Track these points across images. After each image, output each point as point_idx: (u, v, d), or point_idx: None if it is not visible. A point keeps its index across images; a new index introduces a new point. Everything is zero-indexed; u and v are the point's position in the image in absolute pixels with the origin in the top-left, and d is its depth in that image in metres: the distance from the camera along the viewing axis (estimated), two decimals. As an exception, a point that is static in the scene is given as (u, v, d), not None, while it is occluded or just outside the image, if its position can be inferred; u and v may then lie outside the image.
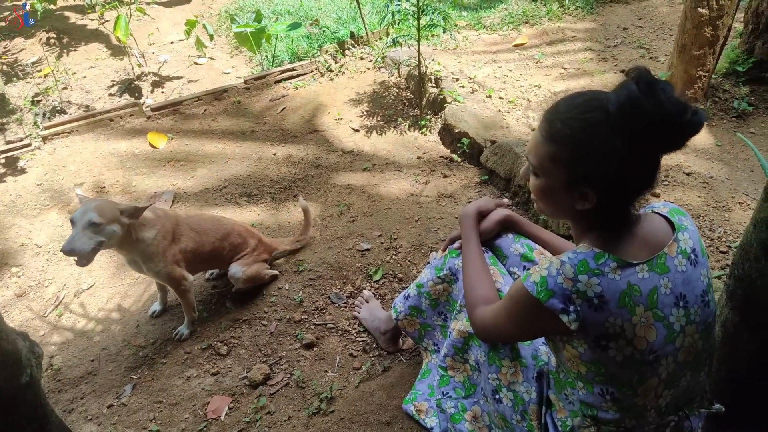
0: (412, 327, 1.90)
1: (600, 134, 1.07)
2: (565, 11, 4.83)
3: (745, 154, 3.05)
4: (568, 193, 1.16)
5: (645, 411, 1.20)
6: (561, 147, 1.13)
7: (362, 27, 4.53)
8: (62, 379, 2.22)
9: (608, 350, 1.12)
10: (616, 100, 1.05)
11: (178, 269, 2.21)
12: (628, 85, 1.05)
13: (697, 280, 1.17)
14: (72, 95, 4.51)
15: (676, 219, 1.20)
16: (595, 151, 1.09)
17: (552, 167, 1.16)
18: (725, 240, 2.43)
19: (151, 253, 2.12)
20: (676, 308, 1.14)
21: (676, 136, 1.05)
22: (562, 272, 1.11)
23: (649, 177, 1.11)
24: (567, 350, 1.20)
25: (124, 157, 3.59)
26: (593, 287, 1.09)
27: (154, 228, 2.13)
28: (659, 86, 1.03)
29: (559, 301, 1.11)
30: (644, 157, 1.08)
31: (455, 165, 3.33)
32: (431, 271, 1.79)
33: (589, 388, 1.22)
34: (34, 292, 2.69)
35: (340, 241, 2.73)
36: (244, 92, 4.16)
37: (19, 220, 3.13)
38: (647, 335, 1.11)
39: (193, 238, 2.27)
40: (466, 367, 1.73)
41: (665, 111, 1.01)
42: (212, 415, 2.00)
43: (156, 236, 2.13)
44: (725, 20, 3.07)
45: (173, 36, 5.46)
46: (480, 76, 3.93)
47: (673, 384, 1.20)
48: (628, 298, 1.09)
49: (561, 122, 1.12)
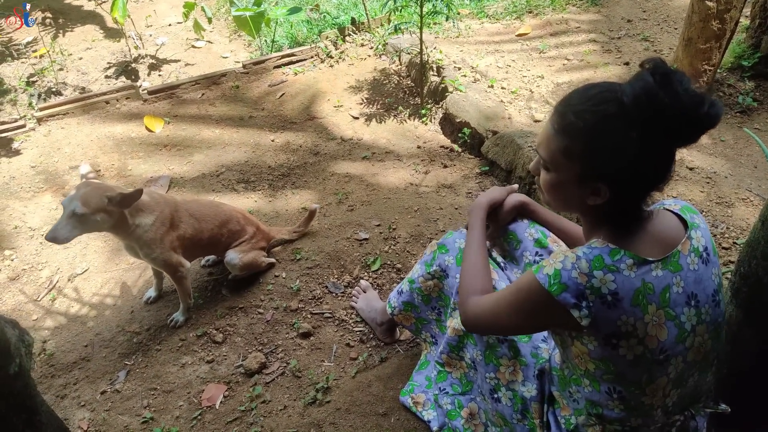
0: (408, 321, 1.88)
1: (614, 127, 1.04)
2: (568, 2, 4.77)
3: (749, 150, 3.02)
4: (580, 188, 1.13)
5: (652, 410, 1.18)
6: (573, 140, 1.09)
7: (363, 13, 4.47)
8: (55, 364, 2.19)
9: (618, 348, 1.10)
10: (632, 92, 1.01)
11: (175, 256, 2.17)
12: (644, 75, 1.01)
13: (709, 279, 1.14)
14: (68, 77, 4.44)
15: (688, 217, 1.17)
16: (609, 145, 1.06)
17: (564, 161, 1.12)
18: (728, 236, 2.41)
19: (148, 240, 2.08)
20: (687, 307, 1.11)
21: (693, 129, 1.02)
22: (577, 267, 1.07)
23: (664, 171, 1.08)
24: (576, 346, 1.17)
25: (120, 140, 3.54)
26: (608, 284, 1.06)
27: (153, 214, 2.09)
28: (676, 77, 1.00)
29: (572, 296, 1.07)
30: (659, 151, 1.05)
31: (456, 155, 3.29)
32: (421, 266, 1.76)
33: (596, 386, 1.20)
34: (27, 275, 2.65)
35: (338, 230, 2.70)
36: (243, 77, 4.11)
37: (12, 202, 3.09)
38: (658, 334, 1.09)
39: (192, 224, 2.23)
40: (461, 364, 1.71)
41: (682, 103, 0.98)
42: (207, 403, 1.98)
43: (154, 222, 2.09)
44: (733, 14, 3.03)
45: (171, 18, 5.38)
46: (482, 66, 3.88)
47: (681, 384, 1.18)
48: (642, 297, 1.06)
49: (574, 114, 1.08)
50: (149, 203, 2.10)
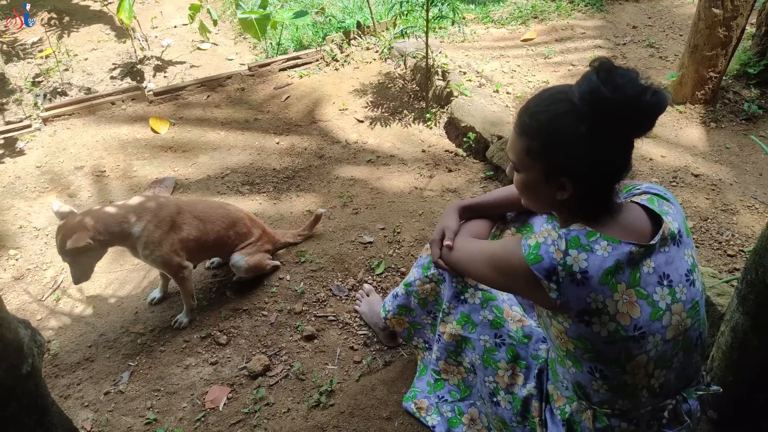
0: (401, 326, 1.88)
1: (566, 124, 1.12)
2: (574, 7, 4.78)
3: (754, 158, 3.02)
4: (547, 184, 1.20)
5: (636, 390, 1.21)
6: (533, 140, 1.18)
7: (369, 17, 4.48)
8: (59, 364, 2.19)
9: (592, 326, 1.15)
10: (578, 90, 1.10)
11: (176, 258, 2.18)
12: (589, 74, 1.09)
13: (681, 260, 1.19)
14: (73, 77, 4.45)
15: (657, 206, 1.21)
16: (563, 140, 1.13)
17: (528, 161, 1.20)
18: (733, 243, 2.40)
19: (143, 243, 2.10)
20: (660, 287, 1.16)
21: (640, 117, 1.08)
22: (556, 243, 1.15)
23: (623, 161, 1.15)
24: (554, 326, 1.22)
25: (126, 141, 3.55)
26: (580, 262, 1.12)
27: (141, 221, 2.10)
28: (618, 72, 1.07)
29: (544, 268, 1.15)
30: (614, 141, 1.12)
31: (460, 159, 3.29)
32: (419, 270, 1.76)
33: (579, 366, 1.23)
34: (31, 275, 2.65)
35: (342, 233, 2.70)
36: (248, 79, 4.12)
37: (17, 202, 3.09)
38: (630, 312, 1.14)
39: (197, 226, 2.23)
40: (460, 369, 1.72)
41: (624, 94, 1.05)
42: (210, 405, 1.98)
43: (144, 229, 2.10)
44: (739, 21, 3.03)
45: (177, 20, 5.40)
46: (487, 71, 3.89)
47: (665, 364, 1.20)
48: (611, 276, 1.12)
49: (529, 117, 1.18)
50: (133, 214, 2.11)
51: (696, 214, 2.61)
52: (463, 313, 1.62)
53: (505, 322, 1.55)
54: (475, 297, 1.60)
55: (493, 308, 1.58)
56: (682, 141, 3.15)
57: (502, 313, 1.57)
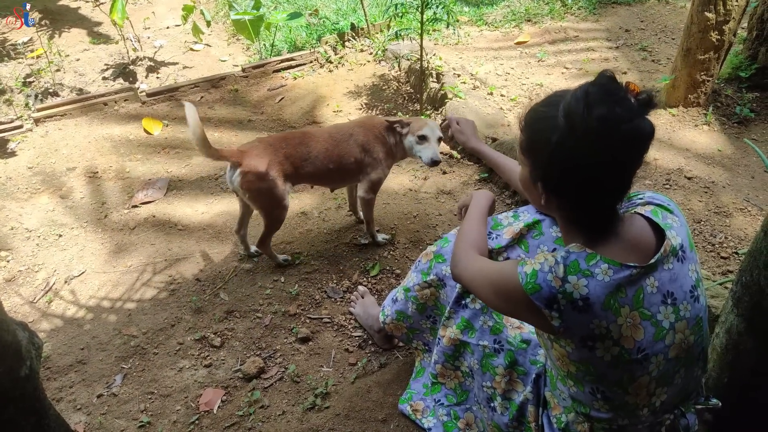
0: (399, 331, 1.88)
1: (543, 128, 1.11)
2: (567, 10, 4.81)
3: (746, 161, 3.04)
4: (534, 185, 1.18)
5: (637, 410, 1.19)
6: (522, 135, 1.20)
7: (363, 19, 4.48)
8: (51, 367, 2.17)
9: (595, 350, 1.12)
10: (565, 100, 1.07)
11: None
12: (584, 86, 1.05)
13: (685, 276, 1.15)
14: (65, 78, 4.42)
15: (661, 219, 1.16)
16: (539, 144, 1.14)
17: (522, 156, 1.22)
18: (726, 246, 2.42)
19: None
20: (664, 306, 1.13)
21: (617, 143, 1.03)
22: (554, 271, 1.10)
23: (614, 182, 1.09)
24: (555, 349, 1.20)
25: (118, 142, 3.52)
26: (580, 289, 1.08)
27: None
28: (612, 91, 1.02)
29: (544, 297, 1.10)
30: (595, 159, 1.05)
31: (455, 162, 3.29)
32: (417, 275, 1.76)
33: (580, 387, 1.21)
34: (23, 277, 2.62)
35: (337, 235, 2.69)
36: (242, 81, 4.10)
37: (9, 203, 3.06)
38: (634, 335, 1.11)
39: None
40: (457, 374, 1.72)
41: (598, 116, 1.01)
42: (205, 408, 1.96)
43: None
44: (731, 25, 3.05)
45: (169, 21, 5.37)
46: (482, 73, 3.90)
47: (667, 382, 1.18)
48: (614, 300, 1.09)
49: (527, 112, 1.19)
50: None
51: (689, 217, 2.62)
52: (463, 318, 1.62)
53: (504, 327, 1.55)
54: (476, 302, 1.61)
55: (493, 314, 1.58)
56: (675, 144, 3.17)
57: (501, 318, 1.58)
